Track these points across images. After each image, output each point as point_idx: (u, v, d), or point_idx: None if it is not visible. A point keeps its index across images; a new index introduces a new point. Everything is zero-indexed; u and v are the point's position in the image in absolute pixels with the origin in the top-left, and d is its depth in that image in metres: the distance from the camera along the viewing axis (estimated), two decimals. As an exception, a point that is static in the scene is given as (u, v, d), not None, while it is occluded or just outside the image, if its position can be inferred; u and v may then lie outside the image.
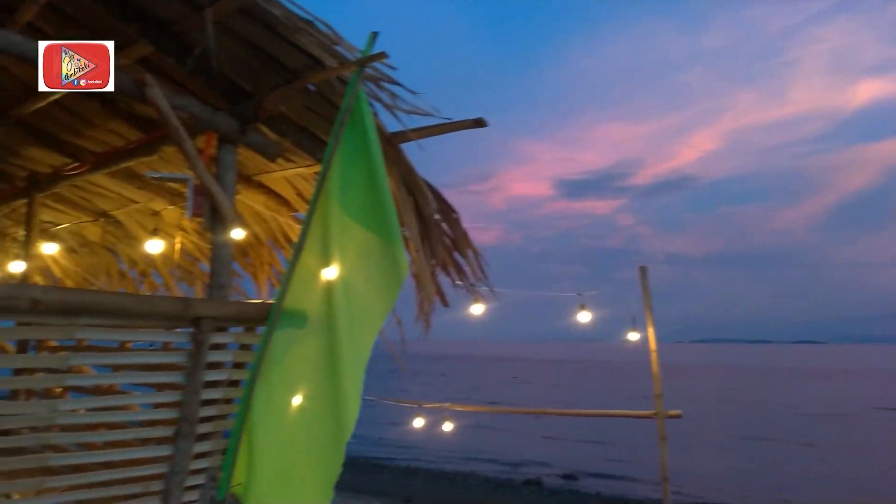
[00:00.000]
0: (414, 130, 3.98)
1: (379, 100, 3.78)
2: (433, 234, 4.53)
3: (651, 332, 5.90)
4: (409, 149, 4.17)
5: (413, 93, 3.80)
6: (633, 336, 6.24)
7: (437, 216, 4.53)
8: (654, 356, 5.91)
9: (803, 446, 21.47)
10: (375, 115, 3.78)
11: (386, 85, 3.75)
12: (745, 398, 38.15)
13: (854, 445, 21.54)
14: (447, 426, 7.53)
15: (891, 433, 23.77)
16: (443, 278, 4.80)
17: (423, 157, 4.23)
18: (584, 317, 6.26)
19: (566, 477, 16.42)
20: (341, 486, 3.53)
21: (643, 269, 5.91)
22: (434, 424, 7.65)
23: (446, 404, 7.42)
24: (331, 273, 3.43)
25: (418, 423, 7.60)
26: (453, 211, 4.61)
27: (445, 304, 4.85)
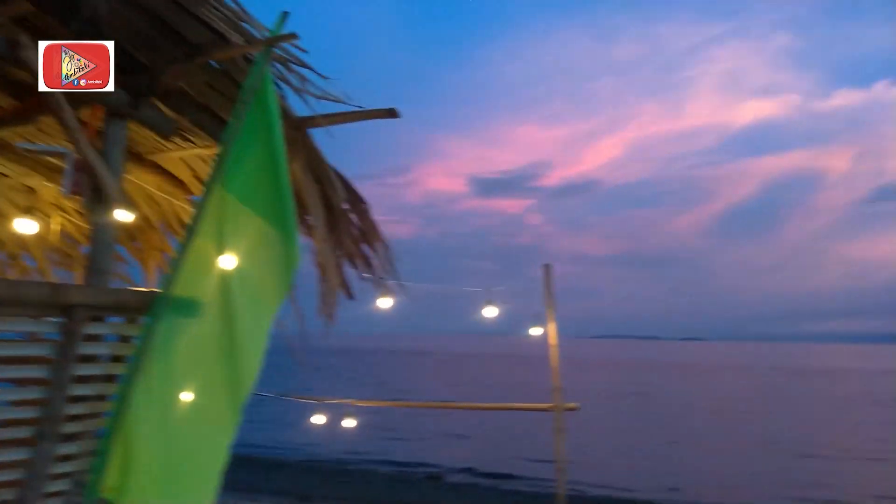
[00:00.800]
0: (324, 116, 3.80)
1: (287, 82, 3.59)
2: (340, 224, 4.36)
3: (552, 327, 6.08)
4: (320, 136, 4.00)
5: (324, 77, 3.65)
6: (536, 331, 6.40)
7: (345, 206, 4.36)
8: (553, 351, 6.12)
9: (691, 439, 22.49)
10: (282, 97, 3.58)
11: (295, 67, 3.57)
12: (638, 392, 40.23)
13: (738, 437, 22.76)
14: (349, 422, 7.34)
15: (768, 427, 25.20)
16: (350, 270, 4.67)
17: (339, 147, 4.08)
18: (490, 312, 6.31)
19: (467, 472, 16.49)
20: (234, 487, 3.33)
21: (547, 267, 6.12)
22: (335, 421, 7.45)
23: (348, 400, 7.25)
24: (226, 260, 3.21)
25: (319, 419, 7.37)
26: (363, 201, 4.46)
27: (350, 296, 4.71)
